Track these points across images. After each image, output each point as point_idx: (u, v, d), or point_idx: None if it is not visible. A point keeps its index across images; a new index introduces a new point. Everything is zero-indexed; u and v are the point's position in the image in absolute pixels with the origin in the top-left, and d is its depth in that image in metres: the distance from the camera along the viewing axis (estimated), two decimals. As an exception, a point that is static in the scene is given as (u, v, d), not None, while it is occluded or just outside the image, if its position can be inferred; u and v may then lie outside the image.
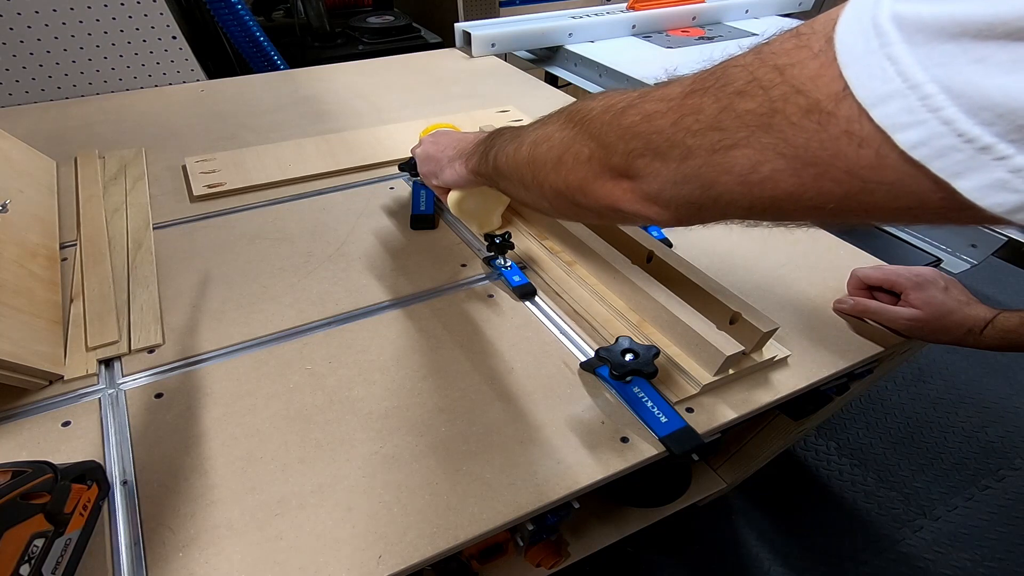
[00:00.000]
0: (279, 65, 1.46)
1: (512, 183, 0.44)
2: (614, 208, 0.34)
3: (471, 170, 0.53)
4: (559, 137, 0.37)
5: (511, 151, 0.43)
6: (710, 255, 0.67)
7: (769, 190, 0.25)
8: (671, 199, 0.30)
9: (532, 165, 0.40)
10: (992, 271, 0.69)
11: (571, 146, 0.36)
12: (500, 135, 0.47)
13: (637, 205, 0.33)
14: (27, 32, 1.17)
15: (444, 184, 0.59)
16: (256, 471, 0.44)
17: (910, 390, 1.36)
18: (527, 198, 0.44)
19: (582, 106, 0.36)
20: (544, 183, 0.39)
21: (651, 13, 1.36)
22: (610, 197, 0.34)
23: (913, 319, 0.54)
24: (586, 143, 0.34)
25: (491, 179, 0.49)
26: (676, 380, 0.51)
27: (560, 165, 0.37)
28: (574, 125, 0.36)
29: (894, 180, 0.21)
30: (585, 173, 0.35)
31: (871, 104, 0.21)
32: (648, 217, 0.33)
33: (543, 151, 0.38)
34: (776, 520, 1.11)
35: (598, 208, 0.36)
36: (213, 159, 0.82)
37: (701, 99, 0.27)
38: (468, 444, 0.46)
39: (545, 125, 0.40)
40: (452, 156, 0.56)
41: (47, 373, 0.49)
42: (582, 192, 0.36)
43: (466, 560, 0.64)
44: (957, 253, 0.70)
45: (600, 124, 0.33)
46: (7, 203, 0.60)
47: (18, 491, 0.33)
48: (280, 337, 0.55)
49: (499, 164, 0.45)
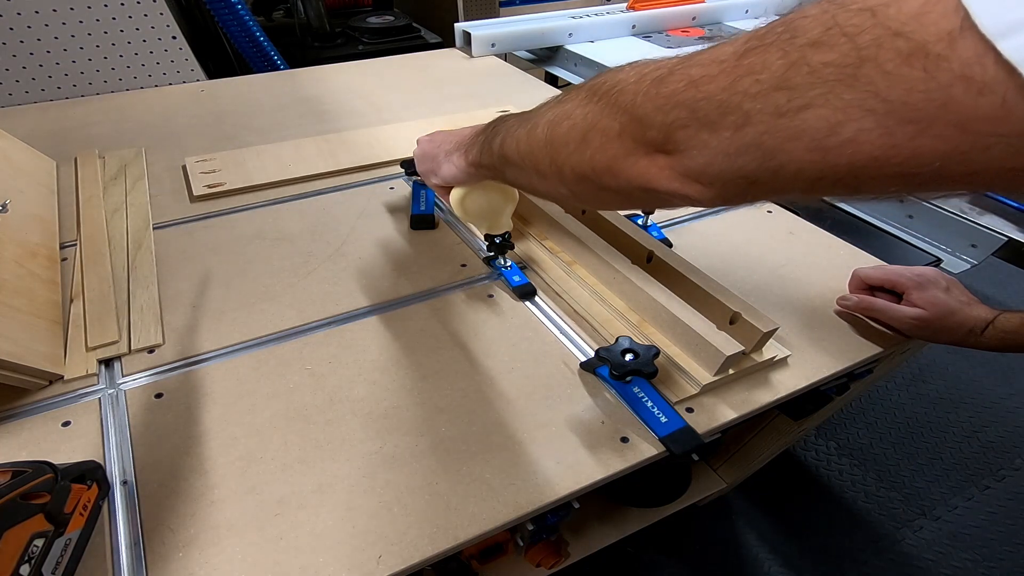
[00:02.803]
0: (279, 65, 1.46)
1: (523, 171, 0.41)
2: (647, 188, 0.31)
3: (471, 163, 0.49)
4: (582, 114, 0.34)
5: (522, 135, 0.40)
6: (710, 255, 0.67)
7: (848, 156, 0.22)
8: (718, 174, 0.27)
9: (550, 147, 0.36)
10: (992, 271, 0.69)
11: (597, 122, 0.32)
12: (503, 121, 0.44)
13: (675, 183, 0.29)
14: (27, 32, 1.17)
15: (443, 181, 0.56)
16: (256, 471, 0.44)
17: (910, 390, 1.36)
18: (541, 187, 0.40)
19: (608, 78, 0.33)
20: (564, 166, 0.36)
21: (651, 13, 1.36)
22: (643, 176, 0.31)
23: (917, 318, 0.54)
24: (616, 117, 0.31)
25: (495, 170, 0.46)
26: (676, 380, 0.51)
27: (584, 144, 0.33)
28: (599, 99, 0.32)
29: (1021, 132, 0.18)
30: (615, 151, 0.32)
31: (999, 34, 0.17)
32: (687, 196, 0.30)
33: (563, 131, 0.35)
34: (776, 520, 1.10)
35: (628, 189, 0.32)
36: (213, 159, 0.82)
37: (763, 56, 0.24)
38: (468, 444, 0.46)
39: (563, 103, 0.36)
40: (449, 150, 0.53)
41: (47, 373, 0.49)
42: (610, 173, 0.32)
43: (466, 560, 0.64)
44: (957, 253, 0.70)
45: (633, 95, 0.30)
46: (7, 203, 0.60)
47: (18, 491, 0.33)
48: (280, 337, 0.55)
49: (507, 151, 0.42)
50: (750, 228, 0.73)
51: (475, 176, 0.51)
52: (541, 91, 1.11)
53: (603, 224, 0.63)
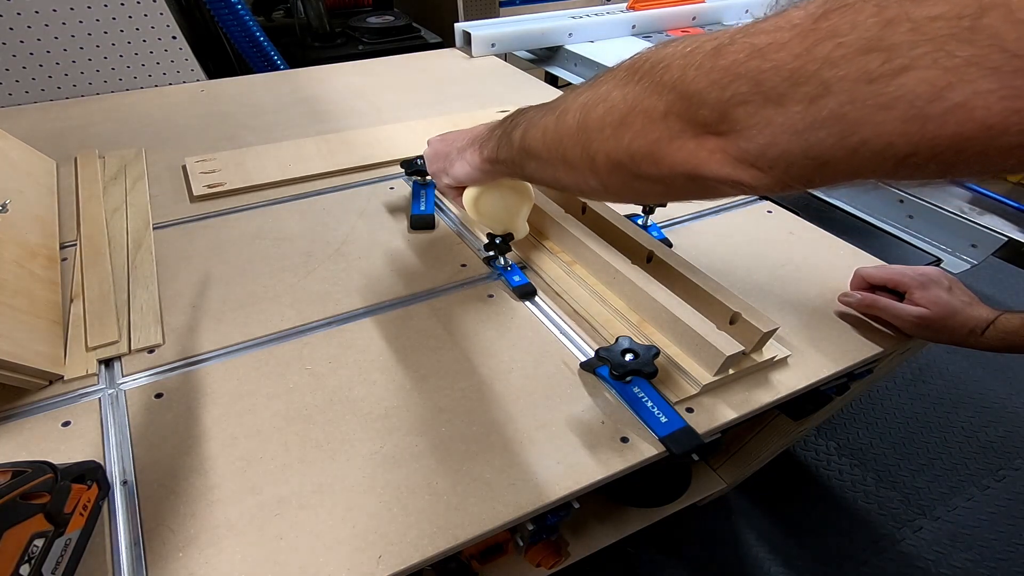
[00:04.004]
0: (279, 65, 1.46)
1: (547, 163, 0.39)
2: (693, 175, 0.28)
3: (486, 158, 0.47)
4: (620, 95, 0.31)
5: (549, 123, 0.37)
6: (710, 255, 0.67)
7: (954, 125, 0.19)
8: (781, 156, 0.24)
9: (582, 134, 0.34)
10: (992, 271, 0.69)
11: (639, 103, 0.30)
12: (522, 113, 0.42)
13: (726, 168, 0.27)
14: (27, 32, 1.17)
15: (456, 180, 0.53)
16: (256, 471, 0.44)
17: (910, 390, 1.36)
18: (567, 179, 0.38)
19: (650, 55, 0.30)
20: (598, 154, 0.33)
21: (651, 13, 1.36)
22: (690, 161, 0.28)
23: (920, 317, 0.54)
24: (660, 97, 0.28)
25: (514, 165, 0.43)
26: (676, 380, 0.51)
27: (623, 128, 0.31)
28: (640, 78, 0.30)
29: None
30: (658, 134, 0.29)
31: None
32: (739, 183, 0.27)
33: (598, 115, 0.33)
34: (776, 520, 1.10)
35: (670, 177, 0.30)
36: (213, 159, 0.82)
37: (850, 16, 0.21)
38: (468, 444, 0.46)
39: (597, 85, 0.34)
40: (462, 147, 0.51)
41: (47, 373, 0.49)
42: (651, 159, 0.30)
43: (466, 560, 0.64)
44: (957, 253, 0.70)
45: (681, 70, 0.27)
46: (7, 203, 0.60)
47: (18, 491, 0.33)
48: (280, 337, 0.55)
49: (529, 143, 0.40)
50: (750, 228, 0.73)
51: (490, 173, 0.49)
52: (541, 91, 1.11)
53: (603, 224, 0.63)
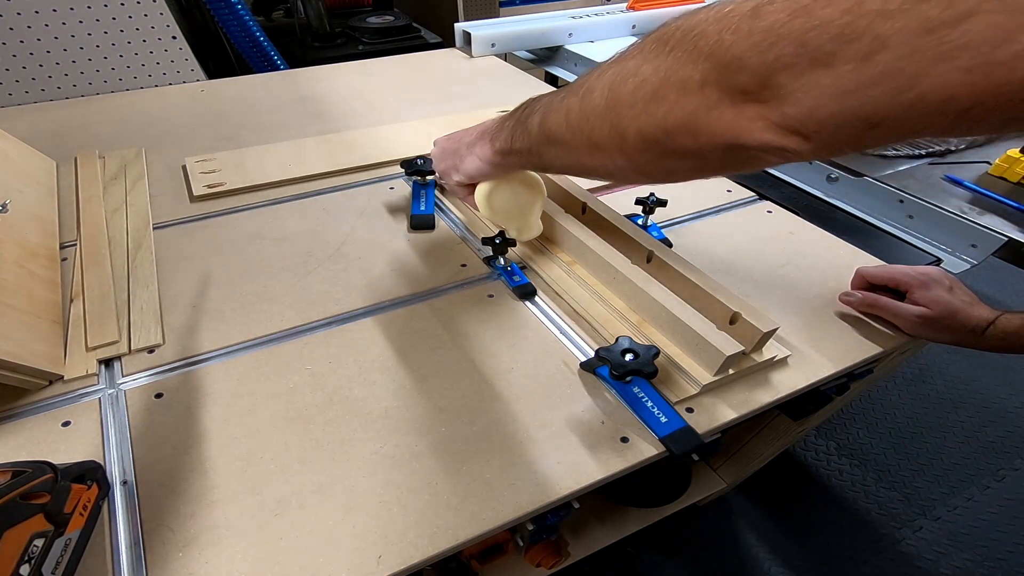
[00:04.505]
0: (279, 65, 1.46)
1: (569, 147, 0.37)
2: (732, 145, 0.27)
3: (498, 150, 0.46)
4: (651, 68, 0.30)
5: (572, 105, 0.36)
6: (710, 255, 0.67)
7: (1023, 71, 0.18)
8: (827, 119, 0.23)
9: (611, 111, 0.33)
10: (992, 271, 0.69)
11: (672, 74, 0.29)
12: (537, 101, 0.41)
13: (768, 135, 0.26)
14: (27, 32, 1.17)
15: (467, 176, 0.52)
16: (256, 471, 0.44)
17: (910, 390, 1.36)
18: (592, 161, 0.36)
19: (680, 24, 0.29)
20: (628, 131, 0.32)
21: (651, 13, 1.36)
22: (730, 130, 0.27)
23: (921, 316, 0.54)
24: (695, 66, 0.27)
25: (530, 154, 0.42)
26: (676, 380, 0.51)
27: (655, 102, 0.30)
28: (672, 49, 0.29)
29: None
30: (694, 105, 0.28)
31: None
32: (782, 149, 0.26)
33: (628, 90, 0.31)
34: (776, 520, 1.11)
35: (708, 150, 0.29)
36: (213, 159, 0.82)
37: None
38: (468, 444, 0.46)
39: (622, 62, 0.33)
40: (472, 141, 0.50)
41: (47, 373, 0.49)
42: (688, 131, 0.29)
43: (466, 560, 0.64)
44: (957, 253, 0.70)
45: (716, 36, 0.26)
46: (7, 203, 0.60)
47: (18, 491, 0.33)
48: (280, 337, 0.55)
49: (550, 127, 0.38)
50: (750, 228, 0.73)
51: (502, 166, 0.48)
52: (541, 91, 1.10)
53: (603, 224, 0.63)
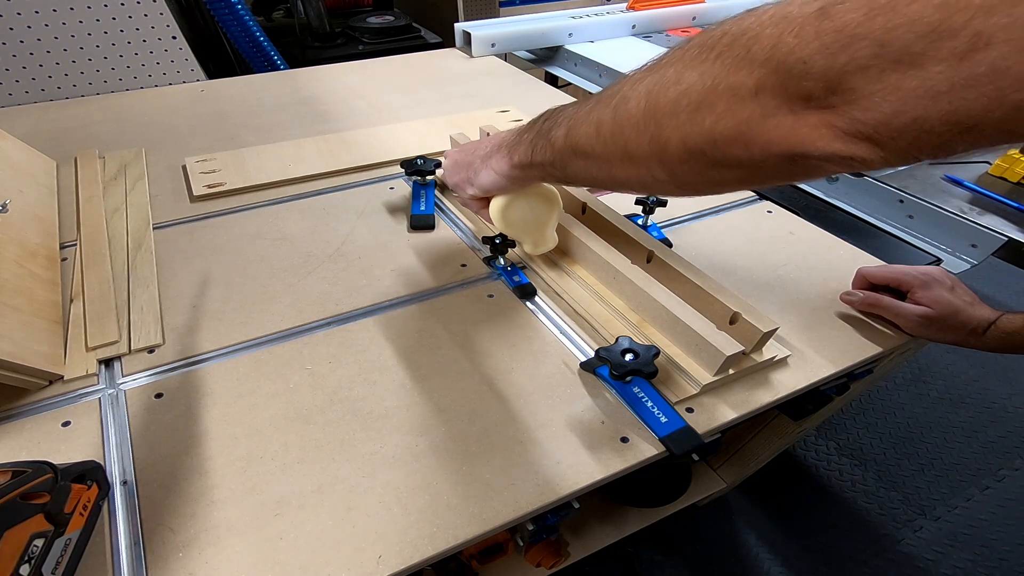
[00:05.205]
0: (279, 65, 1.46)
1: (602, 159, 0.35)
2: (793, 155, 0.26)
3: (517, 164, 0.45)
4: (695, 75, 0.29)
5: (604, 116, 0.35)
6: (710, 255, 0.67)
7: None
8: (911, 125, 0.21)
9: (650, 122, 0.31)
10: (992, 271, 0.69)
11: (720, 82, 0.27)
12: (559, 112, 0.39)
13: (836, 144, 0.24)
14: (27, 32, 1.17)
15: (481, 189, 0.50)
16: (256, 471, 0.44)
17: (910, 390, 1.36)
18: (625, 173, 0.35)
19: (726, 29, 0.28)
20: (670, 142, 0.31)
21: (651, 13, 1.36)
22: (789, 139, 0.26)
23: (923, 316, 0.54)
24: (749, 72, 0.26)
25: (553, 167, 0.41)
26: (676, 380, 0.51)
27: (702, 111, 0.28)
28: (719, 55, 0.28)
29: None
30: (748, 113, 0.26)
31: None
32: (850, 158, 0.24)
33: (669, 99, 0.30)
34: (776, 520, 1.10)
35: (761, 160, 0.27)
36: (213, 159, 0.82)
37: None
38: (468, 444, 0.46)
39: (659, 69, 0.31)
40: (487, 155, 0.49)
41: (47, 373, 0.49)
42: (740, 141, 0.27)
43: (466, 560, 0.64)
44: (957, 253, 0.70)
45: (775, 40, 0.25)
46: (7, 203, 0.60)
47: (18, 491, 0.33)
48: (280, 337, 0.55)
49: (578, 139, 0.37)
50: (750, 228, 0.73)
51: (520, 180, 0.47)
52: (541, 91, 1.11)
53: (603, 224, 0.63)
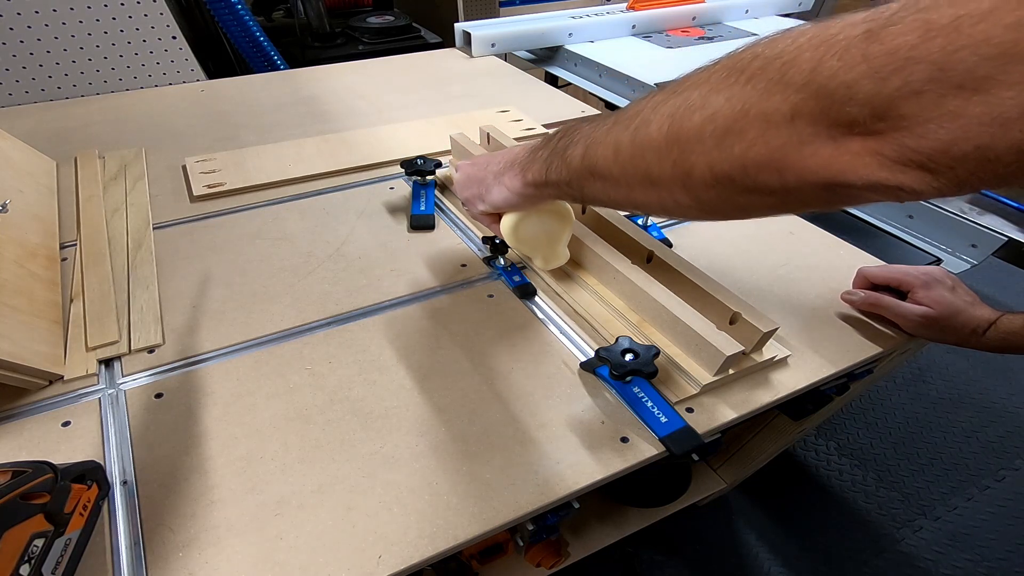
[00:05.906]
0: (279, 65, 1.46)
1: (620, 182, 0.34)
2: (832, 184, 0.25)
3: (530, 182, 0.44)
4: (723, 99, 0.27)
5: (622, 139, 0.33)
6: (710, 255, 0.67)
7: None
8: (972, 153, 0.20)
9: (674, 147, 0.30)
10: (992, 271, 0.69)
11: (752, 107, 0.26)
12: (575, 130, 0.39)
13: (882, 173, 0.23)
14: (27, 32, 1.17)
15: (493, 206, 0.50)
16: (256, 471, 0.44)
17: (910, 390, 1.36)
18: (645, 197, 0.34)
19: (759, 51, 0.27)
20: (695, 168, 0.29)
21: (651, 13, 1.36)
22: (828, 168, 0.24)
23: (923, 316, 0.54)
24: (784, 97, 0.25)
25: (568, 186, 0.40)
26: (676, 380, 0.51)
27: (732, 137, 0.27)
28: (750, 78, 0.26)
29: None
30: (783, 140, 0.25)
31: None
32: (897, 188, 0.23)
33: (694, 124, 0.29)
34: (776, 520, 1.10)
35: (797, 188, 0.26)
36: (213, 159, 0.82)
37: None
38: (468, 444, 0.46)
39: (682, 91, 0.30)
40: (500, 170, 0.47)
41: (47, 373, 0.49)
42: (773, 168, 0.26)
43: (466, 560, 0.64)
44: (957, 253, 0.70)
45: (815, 63, 0.24)
46: (7, 203, 0.60)
47: (18, 491, 0.33)
48: (280, 337, 0.55)
49: (595, 161, 0.36)
50: (750, 228, 0.73)
51: (533, 198, 0.46)
52: (541, 91, 1.11)
53: (603, 224, 0.63)
